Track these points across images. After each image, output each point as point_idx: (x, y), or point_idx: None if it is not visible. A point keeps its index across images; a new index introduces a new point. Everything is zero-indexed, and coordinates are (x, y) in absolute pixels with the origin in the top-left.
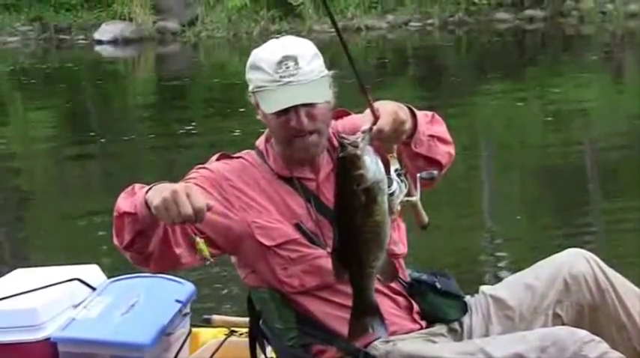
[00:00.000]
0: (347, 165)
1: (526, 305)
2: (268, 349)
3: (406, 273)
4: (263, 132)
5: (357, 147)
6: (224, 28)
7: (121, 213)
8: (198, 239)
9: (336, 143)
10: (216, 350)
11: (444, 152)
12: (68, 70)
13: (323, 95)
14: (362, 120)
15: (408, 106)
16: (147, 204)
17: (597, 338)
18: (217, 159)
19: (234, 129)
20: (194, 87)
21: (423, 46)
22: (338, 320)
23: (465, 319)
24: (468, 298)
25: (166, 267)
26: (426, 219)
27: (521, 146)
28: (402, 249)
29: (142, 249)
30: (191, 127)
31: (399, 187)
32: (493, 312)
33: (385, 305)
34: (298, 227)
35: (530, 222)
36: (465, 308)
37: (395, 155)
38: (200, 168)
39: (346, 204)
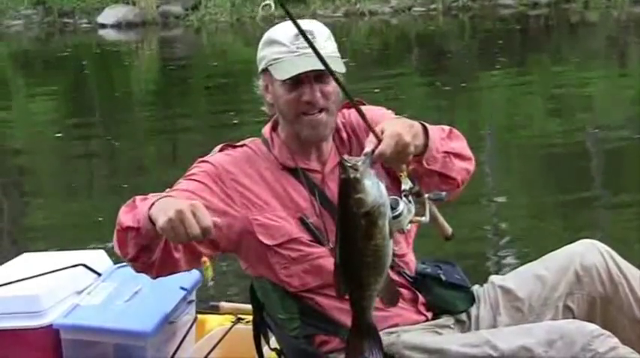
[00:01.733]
0: (347, 189)
1: (536, 297)
2: (273, 339)
3: (413, 266)
4: (265, 117)
5: (357, 170)
6: (227, 13)
7: (124, 228)
8: (204, 258)
9: (345, 135)
10: (222, 337)
11: (460, 169)
12: (71, 54)
13: (339, 67)
14: (375, 119)
15: (421, 123)
16: (151, 219)
17: (607, 333)
18: (220, 150)
19: (237, 112)
20: (197, 71)
21: (426, 31)
22: (341, 311)
23: (473, 310)
24: (476, 288)
25: (167, 272)
26: (449, 230)
27: (524, 131)
28: (404, 249)
29: (146, 260)
30: (193, 111)
31: (406, 208)
32: (502, 303)
33: None
34: (302, 221)
35: (536, 209)
36: (472, 299)
37: (405, 174)
38: (202, 161)
39: (347, 226)
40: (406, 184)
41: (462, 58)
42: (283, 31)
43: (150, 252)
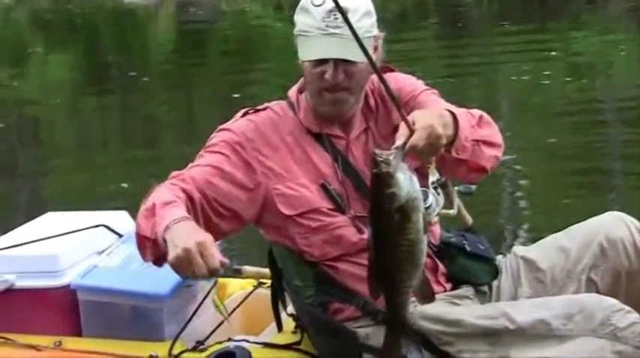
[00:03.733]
0: (379, 184)
1: (559, 269)
2: (290, 306)
3: (437, 235)
4: (283, 82)
5: (389, 164)
6: None
7: (142, 236)
8: (215, 297)
9: (372, 102)
10: (242, 301)
11: (490, 156)
12: (89, 16)
13: (363, 56)
14: (407, 83)
15: (450, 111)
16: (165, 241)
17: (627, 308)
18: (242, 116)
19: (255, 76)
20: (215, 34)
21: None
22: (357, 279)
23: (494, 281)
24: (499, 258)
25: None
26: (470, 221)
27: (543, 99)
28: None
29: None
30: (210, 74)
31: (435, 200)
32: (523, 274)
33: None
34: (323, 187)
35: (558, 179)
36: (495, 272)
37: (433, 166)
38: (222, 129)
39: (380, 222)
40: (434, 176)
41: (480, 24)
42: (319, 1)
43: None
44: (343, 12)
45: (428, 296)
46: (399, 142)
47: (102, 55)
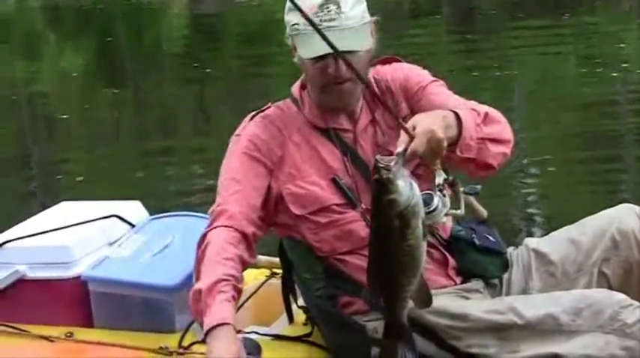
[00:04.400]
0: (380, 190)
1: (570, 262)
2: (301, 298)
3: (448, 228)
4: (297, 73)
5: (389, 170)
6: None
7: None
8: None
9: (377, 90)
10: (255, 291)
11: (497, 153)
12: (102, 7)
13: (363, 43)
14: (414, 73)
15: (454, 111)
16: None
17: (636, 303)
18: (250, 120)
19: (269, 67)
20: (228, 24)
21: None
22: (363, 272)
23: (504, 274)
24: (510, 250)
25: None
26: (484, 214)
27: (556, 91)
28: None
29: None
30: (222, 63)
31: (441, 202)
32: (534, 267)
33: None
34: (334, 182)
35: (570, 169)
36: (505, 265)
37: (438, 167)
38: (237, 138)
39: (380, 227)
40: (440, 177)
41: (492, 13)
42: None
43: None
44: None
45: (426, 301)
46: (399, 149)
47: (115, 46)
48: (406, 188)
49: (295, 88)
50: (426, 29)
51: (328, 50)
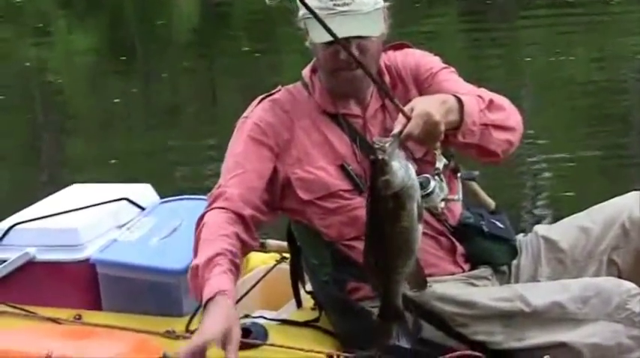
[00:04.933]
0: (375, 171)
1: (579, 249)
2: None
3: (457, 214)
4: (307, 60)
5: (384, 151)
6: None
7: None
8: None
9: (388, 78)
10: (263, 276)
11: (500, 140)
12: None
13: (376, 28)
14: (425, 60)
15: (456, 96)
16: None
17: None
18: (258, 103)
19: (279, 53)
20: (238, 11)
21: None
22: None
23: (513, 260)
24: (520, 237)
25: None
26: (492, 204)
27: (567, 79)
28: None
29: None
30: (234, 48)
31: (438, 186)
32: (543, 254)
33: (426, 244)
34: (342, 168)
35: (580, 158)
36: (514, 252)
37: (439, 152)
38: (243, 120)
39: (375, 209)
40: (440, 162)
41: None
42: None
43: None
44: None
45: (421, 284)
46: (395, 130)
47: (125, 29)
48: (401, 170)
49: (306, 72)
50: (437, 18)
51: (341, 34)
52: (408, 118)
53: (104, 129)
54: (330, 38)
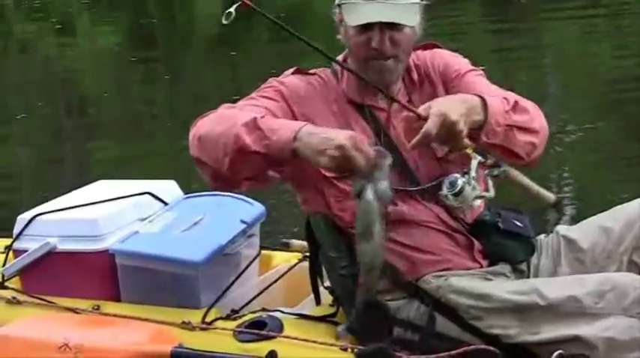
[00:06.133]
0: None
1: (600, 249)
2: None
3: (476, 212)
4: (330, 54)
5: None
6: None
7: (249, 151)
8: None
9: (416, 76)
10: (284, 274)
11: (524, 142)
12: None
13: (410, 19)
14: (453, 61)
15: (480, 96)
16: (294, 152)
17: None
18: (293, 73)
19: (304, 48)
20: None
21: None
22: (389, 251)
23: (533, 259)
24: (541, 237)
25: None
26: (551, 198)
27: (591, 78)
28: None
29: (252, 182)
30: (256, 43)
31: (467, 185)
32: (563, 254)
33: (442, 241)
34: None
35: (605, 158)
36: (532, 250)
37: (471, 149)
38: (274, 80)
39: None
40: (475, 159)
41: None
42: None
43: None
44: None
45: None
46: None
47: (148, 26)
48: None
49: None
50: (460, 9)
51: (376, 18)
52: (422, 117)
53: (128, 126)
54: (363, 21)
